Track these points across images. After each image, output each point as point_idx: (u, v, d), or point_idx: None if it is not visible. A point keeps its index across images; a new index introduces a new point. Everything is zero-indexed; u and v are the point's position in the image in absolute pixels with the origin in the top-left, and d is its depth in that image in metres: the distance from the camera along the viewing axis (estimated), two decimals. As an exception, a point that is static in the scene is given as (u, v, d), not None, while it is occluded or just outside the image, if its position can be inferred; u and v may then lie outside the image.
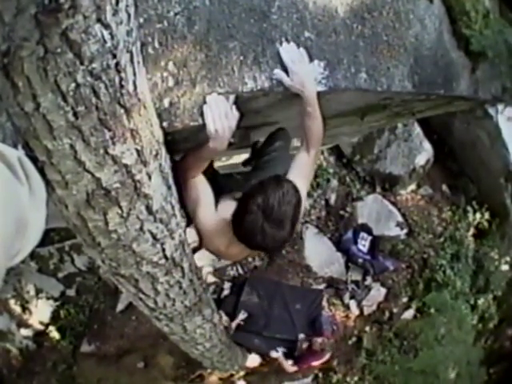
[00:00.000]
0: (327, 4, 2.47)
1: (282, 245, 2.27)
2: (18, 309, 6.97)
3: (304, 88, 2.32)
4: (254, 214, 2.10)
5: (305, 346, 5.27)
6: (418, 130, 7.64)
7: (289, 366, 5.19)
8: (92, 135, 1.32)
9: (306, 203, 2.82)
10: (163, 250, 2.14)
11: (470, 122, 7.26)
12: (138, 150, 1.51)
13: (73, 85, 1.14)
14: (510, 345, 7.95)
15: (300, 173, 2.57)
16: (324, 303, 6.41)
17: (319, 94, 2.42)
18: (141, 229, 1.87)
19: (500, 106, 6.04)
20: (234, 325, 5.11)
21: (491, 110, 6.68)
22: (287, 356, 5.26)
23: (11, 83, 1.12)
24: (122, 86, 1.27)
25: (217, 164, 3.46)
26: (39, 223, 1.37)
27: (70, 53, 1.06)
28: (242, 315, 5.22)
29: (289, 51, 2.28)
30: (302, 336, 5.27)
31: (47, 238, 6.71)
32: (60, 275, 7.14)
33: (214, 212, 2.40)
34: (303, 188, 2.55)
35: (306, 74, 2.31)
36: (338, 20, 2.52)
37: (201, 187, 2.37)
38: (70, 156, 1.36)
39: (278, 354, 5.19)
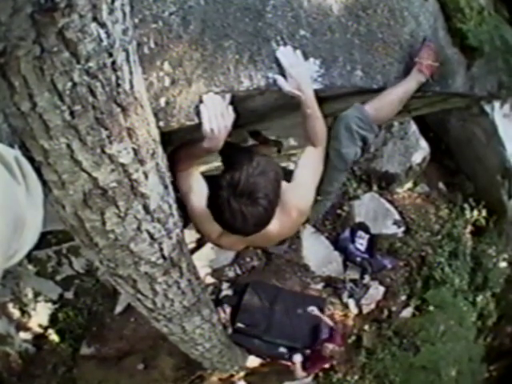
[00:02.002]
0: (321, 2, 2.48)
1: (258, 224, 2.10)
2: (16, 312, 6.95)
3: (301, 91, 2.33)
4: (222, 191, 2.02)
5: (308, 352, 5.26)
6: (413, 127, 7.65)
7: (300, 371, 5.18)
8: (88, 134, 1.32)
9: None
10: (161, 249, 2.13)
11: (466, 119, 7.26)
12: (134, 149, 1.52)
13: (69, 84, 1.15)
14: (509, 342, 7.95)
15: (308, 166, 2.55)
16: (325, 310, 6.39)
17: (317, 93, 2.43)
18: (138, 228, 1.88)
19: (496, 103, 6.05)
20: (227, 317, 5.10)
21: (487, 107, 6.68)
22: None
23: (8, 83, 1.12)
24: (118, 85, 1.28)
25: (214, 164, 3.46)
26: (37, 223, 1.37)
27: (66, 52, 1.07)
28: (226, 308, 5.22)
29: (286, 55, 2.29)
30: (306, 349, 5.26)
31: (45, 240, 6.71)
32: (58, 278, 7.13)
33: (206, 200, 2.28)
34: (311, 182, 2.54)
35: (302, 77, 2.32)
36: (332, 18, 2.53)
37: (193, 178, 2.36)
38: (67, 156, 1.36)
39: (299, 359, 5.18)
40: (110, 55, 1.18)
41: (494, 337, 7.78)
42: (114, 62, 1.21)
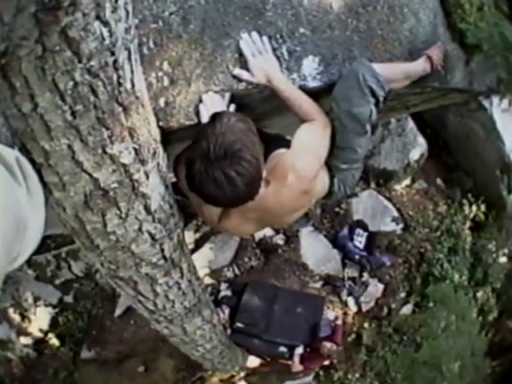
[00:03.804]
0: (321, 0, 2.47)
1: (248, 182, 1.85)
2: (17, 317, 6.94)
3: (269, 78, 2.24)
4: (195, 165, 1.80)
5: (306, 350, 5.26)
6: (411, 124, 7.65)
7: (297, 364, 5.17)
8: (90, 134, 1.31)
9: (326, 180, 2.53)
10: (162, 250, 2.12)
11: (464, 114, 7.25)
12: (135, 149, 1.51)
13: (71, 83, 1.14)
14: (511, 337, 7.96)
15: (305, 134, 2.34)
16: (325, 308, 6.39)
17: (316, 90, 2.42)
18: (139, 229, 1.87)
19: (495, 99, 6.04)
20: (226, 318, 5.11)
21: (485, 102, 6.69)
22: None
23: (8, 84, 1.11)
24: (119, 84, 1.27)
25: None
26: (39, 224, 1.36)
27: (68, 51, 1.06)
28: (225, 309, 5.22)
29: (249, 43, 2.21)
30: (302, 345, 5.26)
31: (44, 245, 6.68)
32: (57, 282, 7.12)
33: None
34: (310, 147, 2.33)
35: (266, 64, 2.24)
36: (332, 15, 2.53)
37: None
38: (68, 157, 1.35)
39: (300, 351, 5.17)
40: (112, 54, 1.18)
41: (496, 332, 7.78)
42: (115, 61, 1.21)
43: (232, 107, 2.14)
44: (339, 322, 6.03)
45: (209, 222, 2.42)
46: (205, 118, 2.04)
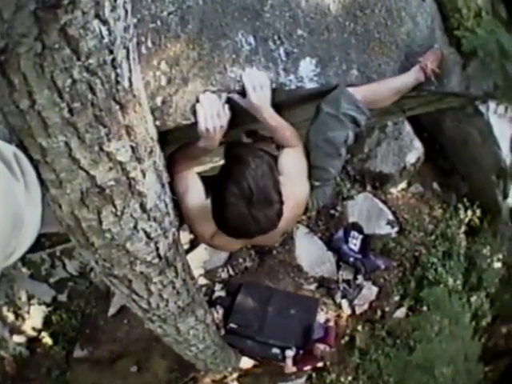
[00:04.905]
0: (319, 2, 2.48)
1: (278, 217, 2.02)
2: (10, 315, 6.94)
3: (257, 113, 2.33)
4: (236, 206, 1.91)
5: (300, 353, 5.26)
6: (408, 128, 7.67)
7: (290, 365, 5.18)
8: (87, 132, 1.31)
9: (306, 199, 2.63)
10: (157, 249, 2.12)
11: (461, 119, 7.27)
12: (132, 147, 1.51)
13: (69, 81, 1.14)
14: (504, 343, 7.97)
15: (291, 160, 2.49)
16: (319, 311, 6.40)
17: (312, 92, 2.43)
18: (135, 227, 1.86)
19: (492, 104, 6.06)
20: (220, 318, 5.11)
21: (482, 107, 6.71)
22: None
23: (7, 81, 1.11)
24: (117, 82, 1.27)
25: (209, 165, 3.46)
26: (35, 220, 1.36)
27: (67, 48, 1.06)
28: (219, 310, 5.23)
29: (251, 77, 2.26)
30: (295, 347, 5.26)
31: (38, 243, 6.66)
32: (51, 281, 7.12)
33: (203, 200, 2.26)
34: (300, 175, 2.51)
35: (263, 98, 2.31)
36: (330, 18, 2.54)
37: (190, 179, 2.33)
38: (65, 154, 1.35)
39: (291, 353, 5.17)
40: (111, 52, 1.18)
41: (489, 337, 7.79)
42: (114, 60, 1.21)
43: (227, 108, 2.15)
44: (331, 323, 6.05)
45: (199, 236, 2.49)
46: (201, 118, 2.05)
